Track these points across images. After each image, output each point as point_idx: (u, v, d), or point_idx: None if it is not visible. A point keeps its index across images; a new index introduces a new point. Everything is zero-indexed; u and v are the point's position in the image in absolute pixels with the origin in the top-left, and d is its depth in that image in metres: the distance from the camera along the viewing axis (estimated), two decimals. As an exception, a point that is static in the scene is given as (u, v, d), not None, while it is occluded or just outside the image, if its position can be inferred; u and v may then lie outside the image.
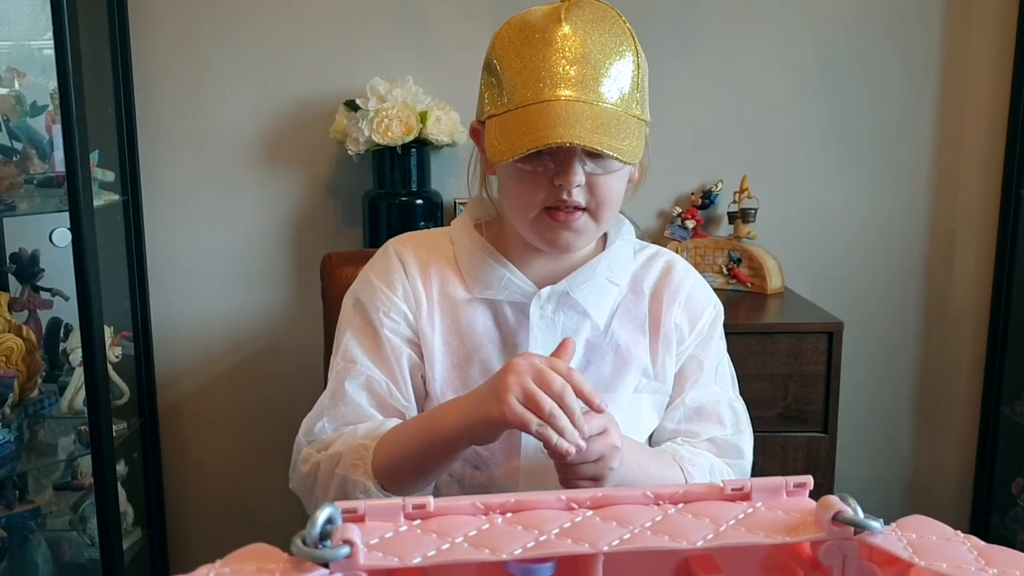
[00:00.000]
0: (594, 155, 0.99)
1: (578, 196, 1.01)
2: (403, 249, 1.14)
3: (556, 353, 0.98)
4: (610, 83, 0.99)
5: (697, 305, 1.15)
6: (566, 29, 0.99)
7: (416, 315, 1.10)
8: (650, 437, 1.16)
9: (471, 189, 1.16)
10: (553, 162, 1.00)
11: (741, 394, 1.19)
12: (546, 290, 1.09)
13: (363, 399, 1.07)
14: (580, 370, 1.07)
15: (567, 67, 0.98)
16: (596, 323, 1.10)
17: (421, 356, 1.10)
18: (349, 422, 1.06)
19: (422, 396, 1.11)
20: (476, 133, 1.11)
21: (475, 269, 1.11)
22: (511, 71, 1.01)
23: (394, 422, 1.05)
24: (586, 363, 1.10)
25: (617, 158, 0.96)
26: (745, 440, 1.16)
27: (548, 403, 0.87)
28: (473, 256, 1.11)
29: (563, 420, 0.87)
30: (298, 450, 1.09)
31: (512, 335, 1.10)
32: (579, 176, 0.99)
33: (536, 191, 1.01)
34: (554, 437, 0.87)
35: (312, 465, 1.05)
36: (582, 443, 0.88)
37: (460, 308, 1.10)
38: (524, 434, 0.99)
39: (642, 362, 1.11)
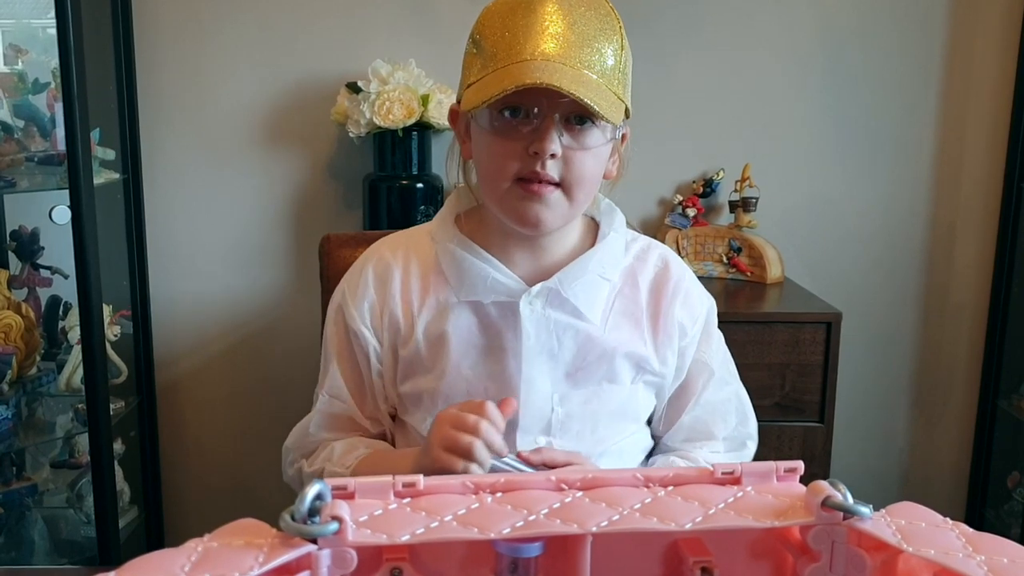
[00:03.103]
0: (571, 127, 0.98)
1: (552, 169, 0.98)
2: (383, 264, 1.13)
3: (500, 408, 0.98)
4: (593, 56, 0.98)
5: (696, 302, 1.14)
6: (551, 6, 0.99)
7: (390, 332, 1.11)
8: (649, 420, 1.17)
9: (449, 176, 1.16)
10: (530, 128, 0.98)
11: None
12: (536, 287, 1.06)
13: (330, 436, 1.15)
14: (575, 370, 1.08)
15: (550, 37, 0.97)
16: (591, 322, 1.08)
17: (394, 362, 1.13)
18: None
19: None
20: (454, 116, 1.10)
21: (458, 271, 1.08)
22: (493, 39, 1.00)
23: (365, 442, 1.14)
24: (582, 361, 1.08)
25: (595, 110, 0.94)
26: (749, 428, 1.19)
27: (465, 440, 0.92)
28: (455, 256, 1.08)
29: (482, 452, 0.92)
30: (286, 452, 1.20)
31: (498, 337, 1.07)
32: (555, 144, 0.97)
33: (510, 159, 0.99)
34: (479, 470, 0.92)
35: (295, 470, 1.17)
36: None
37: (443, 316, 1.08)
38: (520, 432, 1.07)
39: (639, 356, 1.09)
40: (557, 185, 1.00)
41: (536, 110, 0.98)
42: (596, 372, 1.08)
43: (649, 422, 1.17)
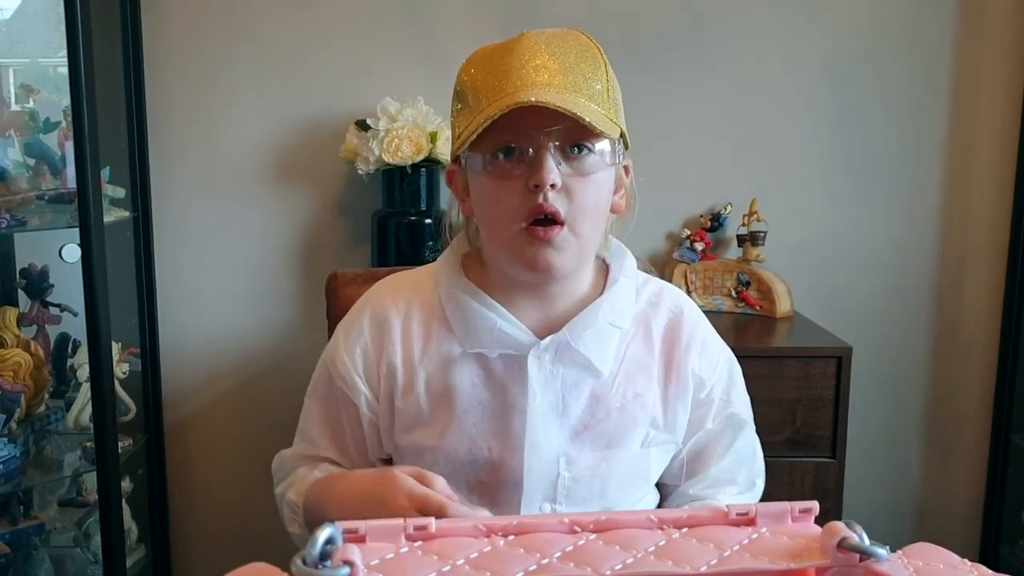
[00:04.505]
0: (568, 156, 0.95)
1: (555, 201, 0.94)
2: (382, 310, 1.08)
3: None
4: (578, 81, 0.96)
5: (714, 351, 1.10)
6: (528, 41, 0.98)
7: (387, 382, 1.06)
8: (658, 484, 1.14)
9: (449, 234, 1.13)
10: (525, 166, 0.95)
11: None
12: (545, 341, 1.01)
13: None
14: (583, 427, 1.03)
15: (532, 69, 0.95)
16: (601, 374, 1.03)
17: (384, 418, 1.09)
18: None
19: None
20: (451, 176, 1.07)
21: (463, 319, 1.03)
22: (475, 87, 0.98)
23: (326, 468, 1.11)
24: (590, 418, 1.03)
25: (586, 121, 0.91)
26: (758, 467, 1.15)
27: (436, 498, 0.87)
28: (461, 303, 1.04)
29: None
30: (273, 472, 1.20)
31: (503, 392, 1.02)
32: (553, 174, 0.93)
33: (511, 198, 0.95)
34: None
35: (278, 493, 1.16)
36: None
37: (447, 368, 1.04)
38: (524, 497, 1.03)
39: (651, 413, 1.05)
40: (562, 224, 0.95)
41: (530, 149, 0.94)
42: (605, 433, 1.04)
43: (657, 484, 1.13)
